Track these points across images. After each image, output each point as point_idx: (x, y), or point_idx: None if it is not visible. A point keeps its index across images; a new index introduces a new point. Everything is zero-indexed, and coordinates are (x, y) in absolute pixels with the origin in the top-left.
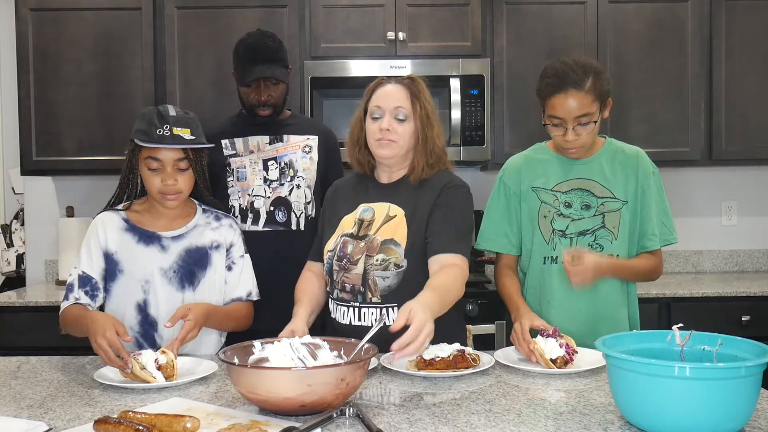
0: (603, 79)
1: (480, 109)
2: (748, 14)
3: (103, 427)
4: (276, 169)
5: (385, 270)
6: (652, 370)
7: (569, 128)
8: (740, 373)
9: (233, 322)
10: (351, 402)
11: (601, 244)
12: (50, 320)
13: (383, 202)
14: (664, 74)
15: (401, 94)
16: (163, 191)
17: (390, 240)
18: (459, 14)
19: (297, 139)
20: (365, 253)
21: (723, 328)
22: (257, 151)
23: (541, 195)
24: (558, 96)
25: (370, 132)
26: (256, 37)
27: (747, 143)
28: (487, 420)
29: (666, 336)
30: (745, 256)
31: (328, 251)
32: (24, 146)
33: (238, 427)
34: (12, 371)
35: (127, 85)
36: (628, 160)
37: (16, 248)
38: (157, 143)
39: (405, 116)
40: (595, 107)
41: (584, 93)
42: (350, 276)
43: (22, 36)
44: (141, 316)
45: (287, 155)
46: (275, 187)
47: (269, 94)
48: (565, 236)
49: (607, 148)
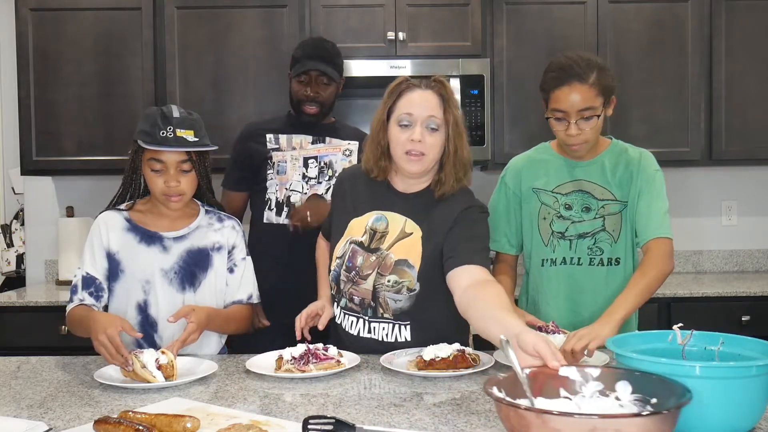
0: (607, 74)
1: (480, 109)
2: (748, 14)
3: (103, 427)
4: (315, 168)
5: (397, 293)
6: (666, 370)
7: (572, 122)
8: (751, 372)
9: (233, 325)
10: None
11: (601, 247)
12: (50, 320)
13: (398, 214)
14: (664, 74)
15: (433, 101)
16: (166, 193)
17: (404, 261)
18: (459, 14)
19: (339, 142)
20: (376, 270)
21: (723, 328)
22: (299, 148)
23: (541, 196)
24: (562, 89)
25: (398, 141)
26: (317, 40)
27: (747, 143)
28: (487, 420)
29: (667, 336)
30: (745, 256)
31: (336, 257)
32: (24, 146)
33: (238, 427)
34: (12, 371)
35: (127, 85)
36: (631, 162)
37: (16, 248)
38: (160, 145)
39: (437, 126)
40: (599, 102)
41: (588, 86)
42: (359, 290)
43: (22, 36)
44: (141, 317)
45: (328, 156)
46: (313, 185)
47: (318, 92)
48: (564, 238)
49: (612, 150)
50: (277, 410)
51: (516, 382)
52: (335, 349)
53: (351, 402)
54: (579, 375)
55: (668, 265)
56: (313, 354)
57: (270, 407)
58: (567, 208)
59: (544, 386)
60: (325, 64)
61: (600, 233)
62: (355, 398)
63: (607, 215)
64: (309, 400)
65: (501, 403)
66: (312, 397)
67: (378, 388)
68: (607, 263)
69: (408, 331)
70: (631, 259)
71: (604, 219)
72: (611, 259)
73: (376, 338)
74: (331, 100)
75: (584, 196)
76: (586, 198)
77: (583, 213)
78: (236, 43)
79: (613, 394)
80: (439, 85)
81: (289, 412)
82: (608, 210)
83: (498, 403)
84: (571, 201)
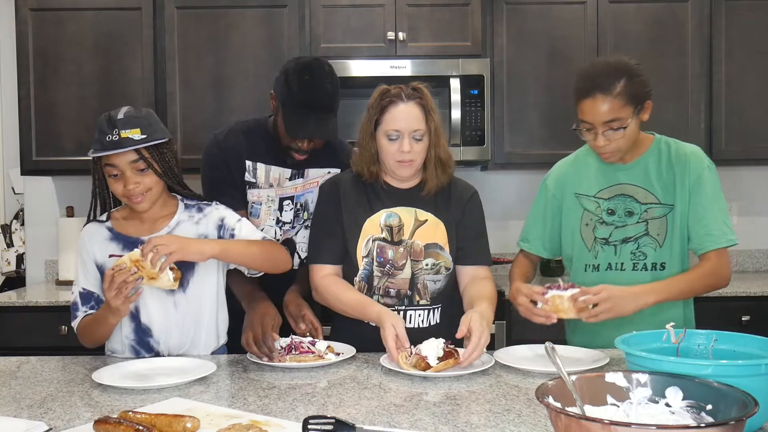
0: (636, 81)
1: (480, 109)
2: (748, 14)
3: (103, 427)
4: (291, 211)
5: (437, 273)
6: (679, 369)
7: (599, 133)
8: (760, 370)
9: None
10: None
11: (645, 252)
12: (50, 320)
13: (405, 207)
14: (664, 74)
15: (417, 115)
16: (127, 195)
17: (434, 244)
18: (459, 14)
19: (317, 173)
20: (410, 258)
21: (723, 328)
22: (276, 186)
23: (583, 202)
24: (586, 101)
25: (388, 152)
26: (316, 78)
27: (747, 143)
28: (487, 420)
29: (661, 336)
30: (745, 256)
31: (363, 257)
32: (24, 146)
33: (238, 427)
34: (12, 371)
35: (127, 85)
36: (678, 160)
37: (16, 248)
38: (107, 150)
39: (421, 136)
40: (627, 112)
41: (612, 97)
42: (396, 281)
43: (22, 36)
44: (134, 324)
45: (304, 195)
46: (287, 230)
47: (314, 147)
48: (609, 243)
49: (655, 148)
50: (277, 410)
51: (564, 388)
52: (324, 344)
53: (351, 402)
54: (626, 381)
55: (726, 278)
56: (295, 346)
57: (270, 407)
58: (610, 213)
59: (590, 393)
60: (327, 116)
61: (643, 238)
62: (355, 398)
63: (650, 219)
64: (309, 400)
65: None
66: (312, 397)
67: (378, 388)
68: (651, 268)
69: (438, 314)
70: (678, 263)
71: (647, 223)
72: (656, 264)
73: (412, 326)
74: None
75: (627, 200)
76: (629, 202)
77: (627, 217)
78: (236, 43)
79: (663, 400)
80: (419, 96)
81: (289, 412)
82: (651, 214)
83: (557, 413)
84: (614, 206)
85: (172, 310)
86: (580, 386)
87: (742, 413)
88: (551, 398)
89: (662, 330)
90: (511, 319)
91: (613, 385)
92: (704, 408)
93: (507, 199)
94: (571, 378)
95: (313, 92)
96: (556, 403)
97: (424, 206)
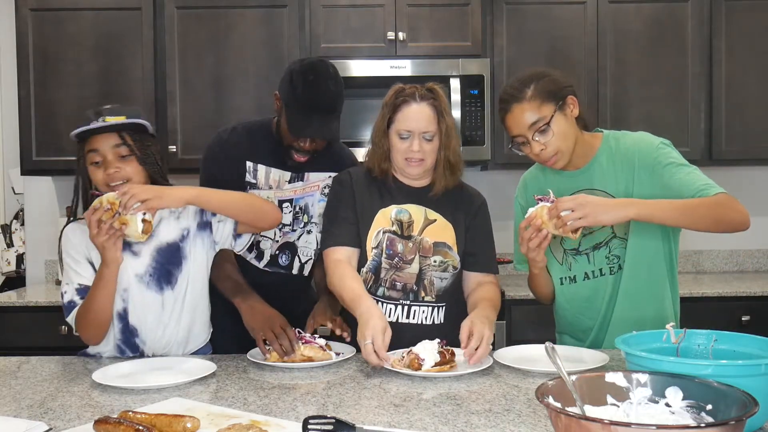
0: (546, 80)
1: (480, 109)
2: (748, 14)
3: (103, 427)
4: (290, 213)
5: (444, 271)
6: (676, 368)
7: (531, 141)
8: (760, 370)
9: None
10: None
11: (617, 254)
12: (50, 320)
13: (415, 205)
14: (664, 74)
15: (428, 115)
16: (107, 181)
17: (443, 243)
18: (459, 14)
19: (317, 177)
20: (418, 254)
21: (723, 328)
22: (276, 187)
23: None
24: (507, 116)
25: (398, 150)
26: (320, 81)
27: (747, 143)
28: (487, 420)
29: (661, 336)
30: (745, 256)
31: (372, 248)
32: (24, 146)
33: (238, 427)
34: (12, 371)
35: (127, 85)
36: (627, 150)
37: (16, 248)
38: (91, 133)
39: (431, 137)
40: (547, 110)
41: (527, 102)
42: (403, 275)
43: (22, 36)
44: (122, 324)
45: (304, 198)
46: (286, 232)
47: (316, 148)
48: (580, 253)
49: (605, 146)
50: (277, 410)
51: (564, 388)
52: (323, 340)
53: (351, 402)
54: (626, 381)
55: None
56: (299, 338)
57: (270, 407)
58: None
59: (590, 393)
60: (330, 117)
61: (612, 240)
62: (355, 398)
63: None
64: (309, 400)
65: (562, 414)
66: (312, 397)
67: (378, 388)
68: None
69: (442, 313)
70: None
71: (612, 225)
72: (632, 263)
73: (415, 322)
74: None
75: None
76: None
77: None
78: (236, 43)
79: (663, 400)
80: (432, 97)
81: (289, 412)
82: None
83: (557, 413)
84: None
85: (159, 309)
86: (580, 386)
87: (742, 413)
88: (551, 398)
89: (662, 330)
90: (511, 320)
91: (613, 385)
92: (704, 408)
93: (507, 199)
94: (571, 378)
95: (317, 93)
96: (556, 403)
97: (433, 206)
